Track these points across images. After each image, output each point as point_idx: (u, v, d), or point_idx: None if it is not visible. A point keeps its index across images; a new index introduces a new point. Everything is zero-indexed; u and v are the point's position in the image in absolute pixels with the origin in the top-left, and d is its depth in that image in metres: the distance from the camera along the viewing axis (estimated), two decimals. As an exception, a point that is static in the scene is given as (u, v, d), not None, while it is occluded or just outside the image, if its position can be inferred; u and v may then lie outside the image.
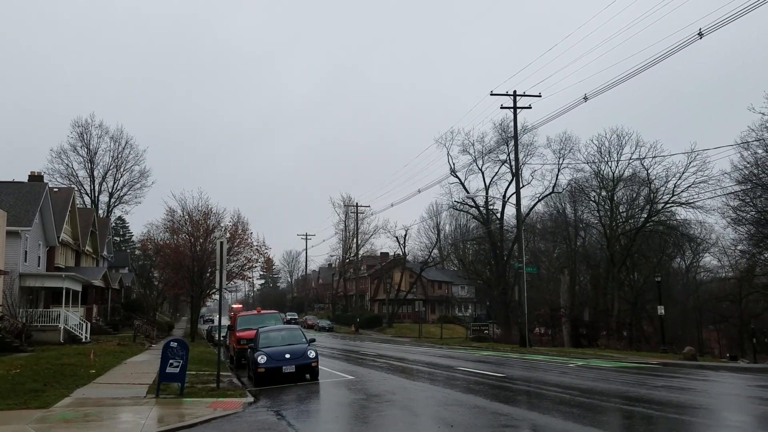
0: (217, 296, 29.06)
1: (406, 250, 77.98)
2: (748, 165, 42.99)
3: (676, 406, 12.36)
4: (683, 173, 48.08)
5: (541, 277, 60.88)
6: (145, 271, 70.04)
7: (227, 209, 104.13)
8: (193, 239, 39.44)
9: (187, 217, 40.89)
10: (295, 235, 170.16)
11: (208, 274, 37.39)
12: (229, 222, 42.21)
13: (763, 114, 42.96)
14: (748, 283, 49.61)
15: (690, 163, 47.40)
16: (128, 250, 77.86)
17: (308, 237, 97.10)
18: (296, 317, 79.09)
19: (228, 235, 38.97)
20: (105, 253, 55.89)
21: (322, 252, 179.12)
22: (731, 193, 44.79)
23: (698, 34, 23.38)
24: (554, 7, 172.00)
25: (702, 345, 55.22)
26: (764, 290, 49.62)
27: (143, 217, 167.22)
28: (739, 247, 50.69)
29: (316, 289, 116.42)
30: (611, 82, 40.37)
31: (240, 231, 40.80)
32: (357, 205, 77.54)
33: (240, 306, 42.20)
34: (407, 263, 79.62)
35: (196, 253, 38.42)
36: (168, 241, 42.98)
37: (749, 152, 42.32)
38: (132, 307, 54.76)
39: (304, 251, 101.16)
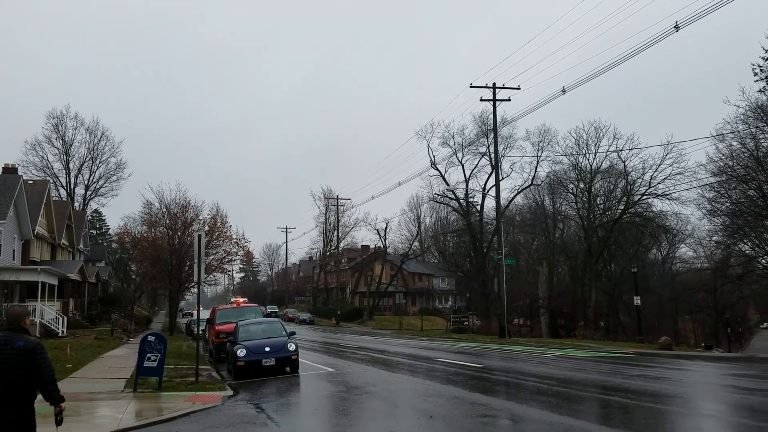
0: (196, 290, 28.84)
1: (387, 243, 78.11)
2: (723, 157, 43.73)
3: (651, 395, 12.57)
4: (660, 165, 48.69)
5: (521, 269, 61.38)
6: (123, 265, 69.19)
7: (206, 202, 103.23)
8: (171, 232, 39.03)
9: (164, 209, 40.43)
10: (276, 228, 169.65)
11: (186, 268, 37.04)
12: (208, 215, 41.84)
13: (738, 107, 43.58)
14: (722, 273, 50.51)
15: (666, 155, 48.01)
16: (105, 244, 76.87)
17: (288, 230, 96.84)
18: (277, 310, 78.86)
19: (207, 228, 38.60)
20: (81, 246, 55.11)
21: (303, 245, 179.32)
22: (707, 184, 45.51)
23: (674, 27, 23.65)
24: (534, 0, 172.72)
25: (678, 335, 56.20)
26: (738, 281, 50.59)
27: (120, 210, 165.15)
28: (714, 238, 51.61)
29: (297, 282, 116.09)
30: (589, 75, 40.73)
31: (219, 224, 40.44)
32: (337, 198, 77.36)
33: (241, 300, 42.97)
34: (388, 256, 79.75)
35: (174, 246, 38.01)
36: (145, 235, 42.47)
37: (724, 144, 43.04)
38: (109, 301, 54.12)
39: (285, 244, 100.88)
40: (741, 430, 9.43)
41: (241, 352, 17.97)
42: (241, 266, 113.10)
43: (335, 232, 78.83)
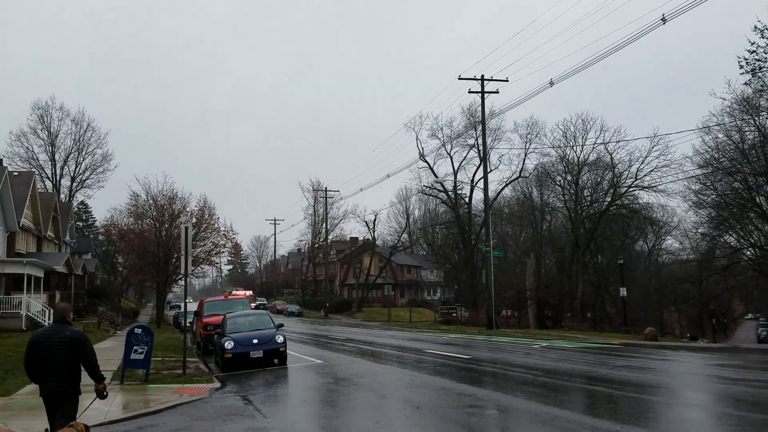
0: (183, 282, 28.78)
1: (376, 235, 78.14)
2: (709, 149, 44.13)
3: (636, 386, 12.72)
4: (646, 158, 49.04)
5: (508, 261, 61.71)
6: (109, 257, 68.77)
7: (193, 194, 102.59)
8: (158, 224, 38.84)
9: (151, 201, 40.24)
10: (264, 220, 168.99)
11: (174, 260, 36.90)
12: (196, 207, 41.68)
13: (723, 99, 43.98)
14: (708, 265, 51.09)
15: (653, 147, 48.36)
16: (91, 236, 76.27)
17: (277, 222, 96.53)
18: (265, 302, 78.77)
19: (194, 220, 38.45)
20: (68, 238, 54.66)
21: (291, 237, 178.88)
22: (693, 177, 45.90)
23: (661, 20, 23.78)
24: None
25: (663, 326, 56.85)
26: (724, 272, 51.14)
27: (107, 202, 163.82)
28: (699, 230, 52.13)
29: (285, 275, 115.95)
30: (576, 67, 40.88)
31: (206, 216, 40.29)
32: (326, 190, 77.24)
33: (244, 293, 43.56)
34: (377, 248, 79.82)
35: (162, 238, 37.85)
36: (132, 226, 42.24)
37: (710, 137, 43.44)
38: (96, 294, 53.79)
39: (273, 236, 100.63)
40: (724, 419, 9.57)
41: (228, 344, 17.96)
42: (230, 258, 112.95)
43: (324, 224, 78.75)
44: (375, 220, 76.21)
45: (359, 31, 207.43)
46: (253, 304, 38.70)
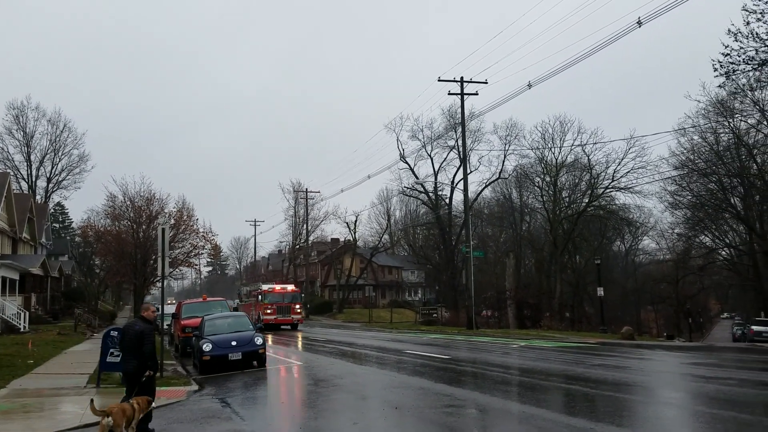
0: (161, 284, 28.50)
1: (357, 236, 78.03)
2: (684, 151, 44.92)
3: (611, 384, 12.89)
4: (623, 159, 49.67)
5: (488, 261, 62.04)
6: (86, 259, 67.86)
7: (171, 195, 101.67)
8: (135, 226, 38.43)
9: (128, 202, 39.81)
10: (244, 221, 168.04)
11: (151, 262, 36.53)
12: (174, 208, 41.29)
13: (698, 102, 44.78)
14: (684, 265, 51.85)
15: (629, 149, 48.99)
16: (68, 237, 75.18)
17: (257, 223, 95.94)
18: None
19: (172, 221, 38.15)
20: (43, 240, 53.84)
21: (272, 238, 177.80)
22: (668, 178, 46.64)
23: (637, 22, 24.12)
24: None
25: (640, 325, 57.60)
26: (699, 272, 52.02)
27: (83, 203, 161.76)
28: (675, 231, 53.02)
29: (266, 276, 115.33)
30: (554, 70, 41.16)
31: (185, 217, 39.95)
32: (307, 191, 76.98)
33: (283, 288, 41.08)
34: (358, 249, 79.74)
35: (139, 239, 37.46)
36: (109, 228, 41.72)
37: (686, 139, 44.22)
38: (73, 296, 53.03)
39: (253, 237, 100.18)
40: (697, 417, 9.74)
41: (206, 347, 17.83)
42: (209, 260, 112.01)
43: (304, 225, 78.48)
44: (356, 221, 76.16)
45: (340, 32, 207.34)
46: (298, 307, 40.38)
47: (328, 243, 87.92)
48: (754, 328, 37.71)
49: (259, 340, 18.26)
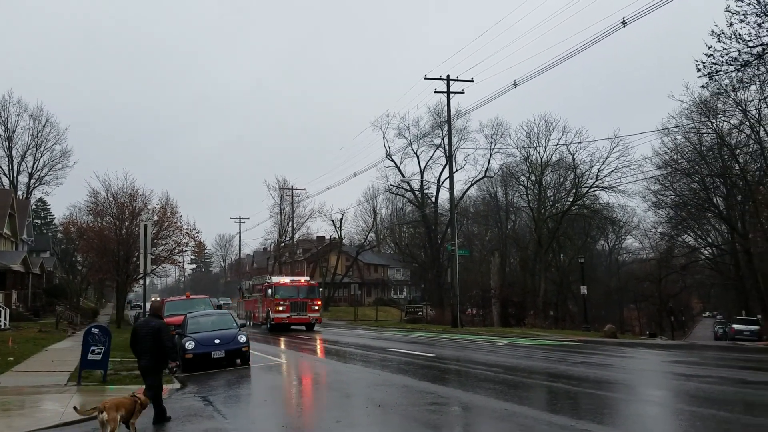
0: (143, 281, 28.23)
1: (343, 234, 77.99)
2: (668, 151, 45.32)
3: (593, 382, 12.99)
4: (607, 158, 50.04)
5: (474, 260, 62.26)
6: (68, 256, 67.12)
7: (155, 191, 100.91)
8: (118, 222, 38.07)
9: (111, 199, 39.37)
10: (229, 218, 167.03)
11: (134, 259, 36.19)
12: (157, 204, 40.89)
13: (682, 102, 45.15)
14: (666, 264, 52.38)
15: (613, 148, 49.33)
16: (50, 234, 74.29)
17: (242, 220, 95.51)
18: (230, 302, 77.92)
19: (155, 218, 37.79)
20: (25, 236, 53.15)
21: (257, 236, 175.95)
22: (652, 177, 47.04)
23: (622, 22, 24.31)
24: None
25: (623, 323, 58.12)
26: (682, 271, 52.58)
27: (66, 199, 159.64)
28: (659, 230, 53.47)
29: (251, 273, 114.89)
30: (540, 69, 41.32)
31: (168, 214, 39.57)
32: (292, 188, 76.72)
33: (299, 280, 37.01)
34: (343, 247, 79.69)
35: (122, 236, 37.10)
36: (92, 224, 41.26)
37: (669, 138, 44.62)
38: (54, 293, 52.43)
39: (238, 235, 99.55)
40: (677, 415, 9.84)
41: (189, 345, 17.70)
42: (193, 257, 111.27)
43: (290, 223, 78.29)
44: (342, 218, 76.07)
45: (340, 32, 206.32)
46: (313, 304, 35.18)
47: (313, 241, 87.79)
48: (736, 326, 38.20)
49: (243, 339, 18.16)
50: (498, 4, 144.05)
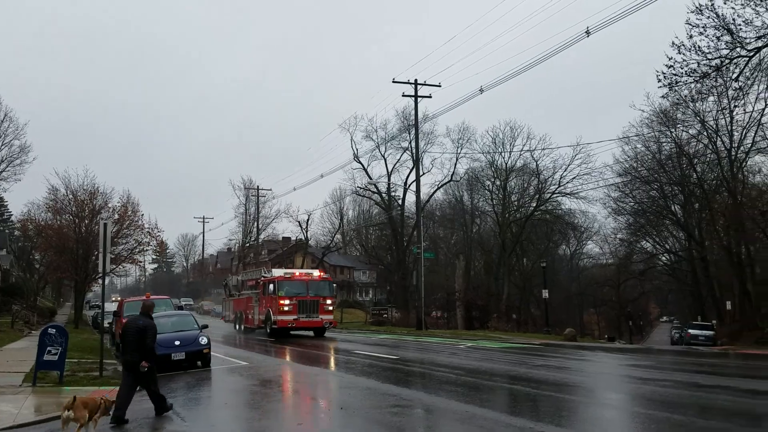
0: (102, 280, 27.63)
1: (309, 235, 77.44)
2: (628, 159, 46.38)
3: (553, 384, 13.21)
4: (569, 165, 50.95)
5: (439, 263, 62.67)
6: (26, 254, 65.19)
7: (116, 189, 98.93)
8: (77, 220, 37.17)
9: (71, 196, 38.40)
10: (192, 218, 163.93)
11: (94, 257, 35.35)
12: (118, 202, 40.02)
13: (642, 111, 46.33)
14: (625, 269, 53.61)
15: (575, 155, 50.27)
16: (7, 231, 72.11)
17: (206, 220, 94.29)
18: (192, 303, 76.81)
19: (116, 216, 37.01)
20: (-21, 233, 51.52)
21: (221, 236, 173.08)
22: (612, 184, 48.10)
23: (586, 32, 24.84)
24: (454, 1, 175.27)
25: (583, 327, 59.25)
26: (640, 276, 53.89)
27: (24, 196, 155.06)
28: (618, 236, 54.72)
29: (214, 274, 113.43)
30: (505, 76, 41.93)
31: (130, 212, 38.73)
32: (258, 188, 76.14)
33: (311, 274, 31.70)
34: (309, 248, 79.25)
35: (81, 234, 36.22)
36: (50, 222, 40.20)
37: (630, 147, 45.68)
38: (10, 291, 50.82)
39: (202, 234, 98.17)
40: (633, 418, 10.07)
41: (149, 346, 17.38)
42: (154, 257, 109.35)
43: (255, 223, 77.60)
44: (308, 220, 75.57)
45: (297, 29, 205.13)
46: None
47: (279, 242, 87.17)
48: (691, 331, 39.24)
49: (204, 340, 17.94)
50: (467, 11, 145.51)
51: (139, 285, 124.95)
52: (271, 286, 30.16)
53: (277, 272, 32.42)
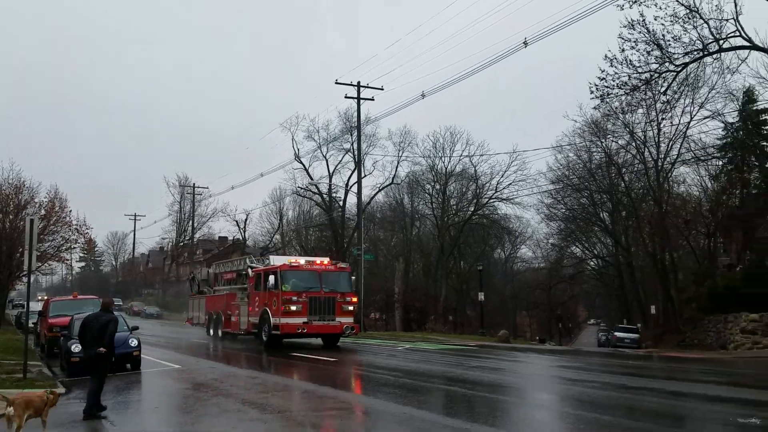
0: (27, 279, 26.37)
1: (247, 235, 76.36)
2: (561, 167, 47.93)
3: (487, 385, 13.49)
4: (506, 171, 52.21)
5: (379, 265, 62.85)
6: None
7: (43, 184, 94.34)
8: (1, 215, 35.30)
9: (-6, 190, 36.43)
10: (123, 215, 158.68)
11: (18, 255, 33.64)
12: (45, 198, 38.25)
13: (575, 121, 47.93)
14: (556, 273, 55.38)
15: (512, 162, 51.59)
16: None
17: (137, 218, 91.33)
18: (121, 303, 74.15)
19: (43, 212, 35.38)
20: None
21: (154, 234, 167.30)
22: (546, 191, 49.57)
23: (523, 43, 25.57)
24: (400, 4, 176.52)
25: (516, 329, 60.75)
26: (570, 280, 55.81)
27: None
28: (550, 241, 56.47)
29: (145, 274, 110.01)
30: (447, 82, 42.73)
31: (57, 208, 37.02)
32: (194, 186, 74.41)
33: (321, 261, 25.27)
34: (247, 248, 77.97)
35: (5, 230, 34.43)
36: (-29, 217, 38.02)
37: (562, 155, 47.22)
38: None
39: (133, 233, 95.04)
40: (563, 418, 10.41)
41: (75, 347, 16.60)
42: (82, 255, 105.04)
43: (190, 222, 75.77)
44: (246, 219, 74.47)
45: (240, 26, 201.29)
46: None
47: (215, 241, 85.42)
48: (617, 334, 40.85)
49: (133, 342, 17.34)
50: (410, 16, 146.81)
51: (66, 284, 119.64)
52: (272, 279, 23.00)
53: (277, 260, 26.13)
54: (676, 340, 32.45)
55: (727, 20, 25.38)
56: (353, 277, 26.30)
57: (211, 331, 30.54)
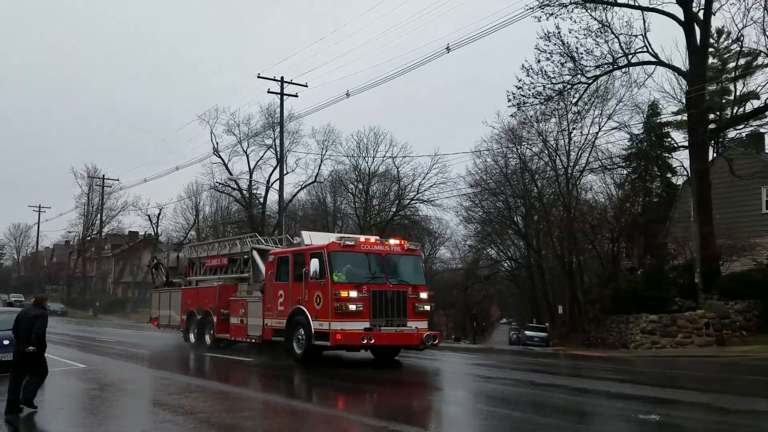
0: None
1: (160, 231, 73.69)
2: (479, 171, 49.42)
3: (406, 384, 13.69)
4: (427, 174, 53.23)
5: (298, 263, 62.34)
6: None
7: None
8: None
9: None
10: (27, 206, 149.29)
11: None
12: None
13: (493, 128, 49.46)
14: (472, 273, 56.94)
15: (433, 165, 52.67)
16: None
17: (42, 209, 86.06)
18: (23, 299, 69.74)
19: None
20: None
21: (59, 227, 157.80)
22: (464, 194, 50.94)
23: (446, 48, 26.19)
24: (323, 2, 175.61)
25: (433, 328, 61.77)
26: (485, 281, 57.54)
27: None
28: (467, 242, 58.02)
29: (49, 269, 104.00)
30: (372, 82, 42.94)
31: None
32: (104, 178, 71.05)
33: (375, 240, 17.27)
34: (160, 244, 75.26)
35: None
36: None
37: (481, 160, 48.71)
38: None
39: (36, 225, 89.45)
40: (476, 414, 10.71)
41: (-30, 347, 15.55)
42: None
43: (99, 215, 72.29)
44: (160, 214, 71.87)
45: (154, 12, 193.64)
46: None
47: (125, 236, 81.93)
48: (527, 332, 42.47)
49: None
50: (334, 16, 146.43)
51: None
52: (315, 264, 15.94)
53: (314, 237, 18.47)
54: (582, 339, 34.00)
55: (636, 36, 27.05)
56: (422, 262, 21.11)
57: (190, 338, 23.54)
